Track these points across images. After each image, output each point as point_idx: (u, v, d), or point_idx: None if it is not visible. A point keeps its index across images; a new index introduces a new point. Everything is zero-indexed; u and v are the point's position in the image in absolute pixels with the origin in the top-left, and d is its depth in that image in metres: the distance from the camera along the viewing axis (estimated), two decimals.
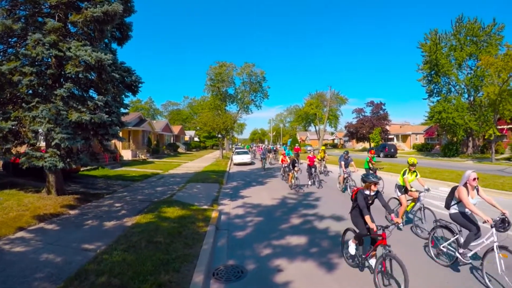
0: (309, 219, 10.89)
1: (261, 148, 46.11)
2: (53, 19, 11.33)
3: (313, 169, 18.88)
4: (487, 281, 5.67)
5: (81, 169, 20.75)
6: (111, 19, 11.40)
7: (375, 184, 6.37)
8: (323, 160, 24.24)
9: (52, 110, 10.33)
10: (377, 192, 6.52)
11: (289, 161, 19.77)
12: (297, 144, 57.84)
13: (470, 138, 43.61)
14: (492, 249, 5.76)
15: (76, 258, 6.76)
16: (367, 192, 6.44)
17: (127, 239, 7.95)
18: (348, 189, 15.74)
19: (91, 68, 11.10)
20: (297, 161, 17.48)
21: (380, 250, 5.93)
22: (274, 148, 46.64)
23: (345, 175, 16.10)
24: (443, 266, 6.77)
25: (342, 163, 16.20)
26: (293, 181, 17.27)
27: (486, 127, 36.06)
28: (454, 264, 6.64)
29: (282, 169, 21.79)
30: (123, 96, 13.68)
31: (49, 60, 11.37)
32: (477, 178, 6.50)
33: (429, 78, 44.22)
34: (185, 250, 7.22)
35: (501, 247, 5.71)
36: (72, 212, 11.19)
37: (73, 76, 11.19)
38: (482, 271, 5.84)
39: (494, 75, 32.17)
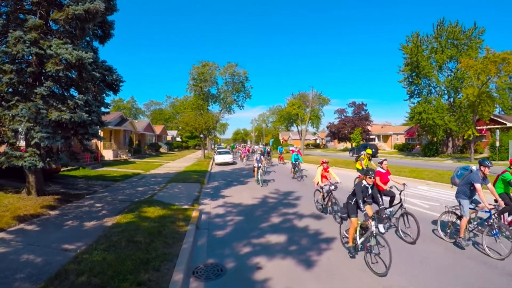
0: (289, 217, 11.01)
1: (248, 149, 41.29)
2: (35, 16, 11.24)
3: (388, 199, 9.50)
4: None
5: (62, 169, 20.53)
6: (93, 17, 11.32)
7: None
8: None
9: (32, 109, 10.24)
10: None
11: (335, 178, 11.16)
12: (295, 146, 54.64)
13: (450, 138, 44.54)
14: None
15: (57, 258, 6.75)
16: None
17: (107, 239, 7.95)
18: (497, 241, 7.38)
19: (72, 67, 11.02)
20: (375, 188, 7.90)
21: None
22: (268, 150, 36.67)
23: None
24: None
25: (478, 186, 7.55)
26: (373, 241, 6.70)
27: (466, 128, 36.89)
28: None
29: (324, 198, 11.51)
30: (104, 95, 13.64)
31: (30, 58, 11.31)
32: None
33: (410, 80, 45.01)
34: (165, 249, 7.27)
35: None
36: (52, 212, 11.10)
37: (54, 74, 11.10)
38: None
39: (473, 77, 32.93)
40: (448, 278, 6.17)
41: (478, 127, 40.92)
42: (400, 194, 9.08)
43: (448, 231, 8.35)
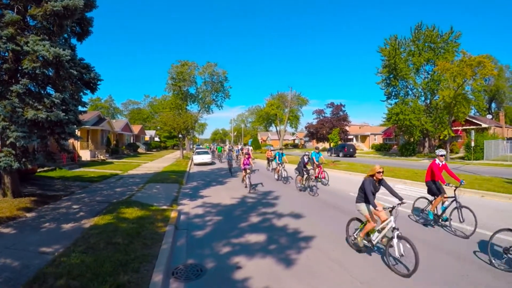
0: (268, 217, 11.08)
1: (249, 154, 19.74)
2: (12, 11, 10.98)
3: None
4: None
5: (38, 170, 20.12)
6: (72, 13, 11.14)
7: None
8: None
9: (7, 107, 10.05)
10: None
11: None
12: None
13: (426, 139, 45.51)
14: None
15: (34, 261, 6.64)
16: None
17: (86, 240, 7.87)
18: None
19: (49, 64, 10.81)
20: None
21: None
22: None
23: None
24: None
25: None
26: None
27: (442, 128, 37.84)
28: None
29: None
30: (81, 93, 13.41)
31: (6, 54, 11.02)
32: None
33: (388, 81, 45.81)
34: (144, 250, 7.24)
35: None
36: (29, 214, 10.86)
37: (30, 71, 10.84)
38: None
39: (449, 79, 33.79)
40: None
41: (454, 128, 42.04)
42: None
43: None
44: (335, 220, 10.53)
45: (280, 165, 20.97)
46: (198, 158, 36.89)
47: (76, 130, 12.93)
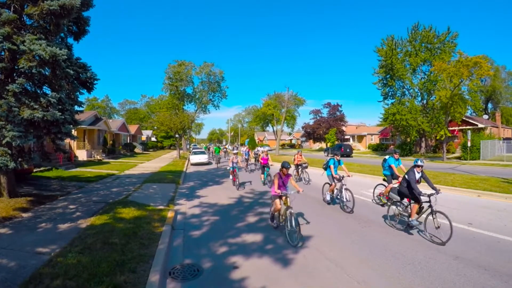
0: (265, 217, 10.99)
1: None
2: (9, 9, 10.93)
3: None
4: None
5: (34, 170, 20.03)
6: (68, 13, 11.09)
7: None
8: None
9: (3, 107, 10.00)
10: None
11: None
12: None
13: (423, 139, 45.63)
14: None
15: (30, 262, 6.61)
16: None
17: (82, 241, 7.84)
18: None
19: (45, 63, 10.74)
20: None
21: None
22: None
23: None
24: None
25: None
26: None
27: (438, 129, 37.98)
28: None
29: None
30: (78, 93, 13.36)
31: (2, 53, 10.96)
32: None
33: (385, 82, 45.87)
34: (141, 250, 7.22)
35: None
36: (25, 215, 10.81)
37: (27, 71, 10.80)
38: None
39: (446, 80, 33.91)
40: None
41: (450, 128, 42.24)
42: None
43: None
44: (333, 219, 10.54)
45: (339, 182, 12.45)
46: (195, 158, 36.90)
47: (73, 130, 12.88)
